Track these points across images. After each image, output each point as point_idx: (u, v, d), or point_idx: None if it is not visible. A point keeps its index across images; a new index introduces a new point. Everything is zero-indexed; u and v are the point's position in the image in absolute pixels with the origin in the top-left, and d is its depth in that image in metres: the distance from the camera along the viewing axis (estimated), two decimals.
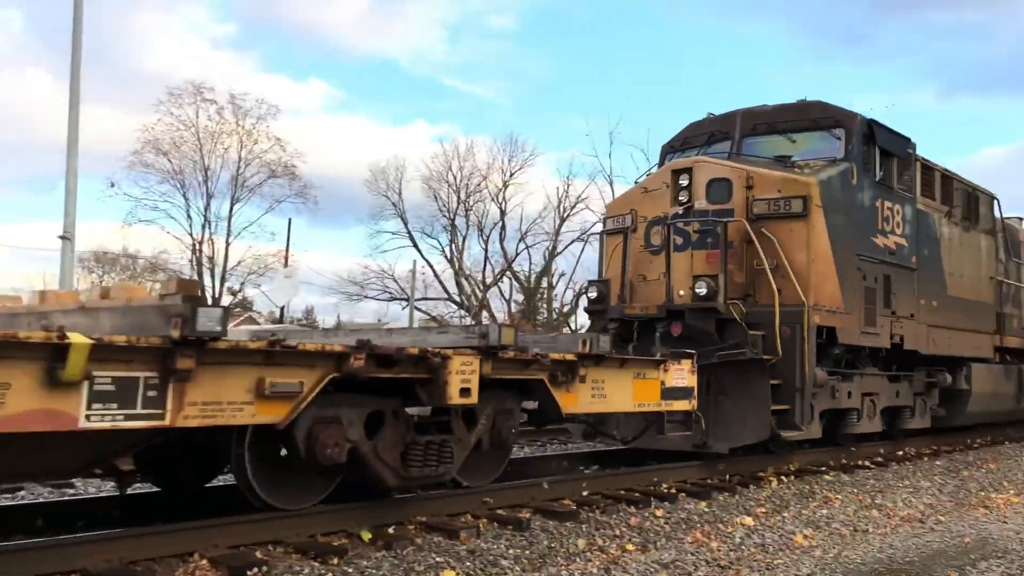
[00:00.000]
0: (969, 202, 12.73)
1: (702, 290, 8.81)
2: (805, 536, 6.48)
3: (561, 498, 6.94)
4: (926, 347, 11.08)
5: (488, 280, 45.75)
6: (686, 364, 7.60)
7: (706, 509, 7.03)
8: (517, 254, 45.55)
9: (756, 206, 9.20)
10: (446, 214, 45.50)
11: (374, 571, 4.81)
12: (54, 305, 5.30)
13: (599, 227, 11.65)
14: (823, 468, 9.43)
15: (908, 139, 11.02)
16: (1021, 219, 15.53)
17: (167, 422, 4.19)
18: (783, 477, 8.71)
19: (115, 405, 3.97)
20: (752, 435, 8.59)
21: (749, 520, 6.77)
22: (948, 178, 12.20)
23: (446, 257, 45.78)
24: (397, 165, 46.63)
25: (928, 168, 11.62)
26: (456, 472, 6.18)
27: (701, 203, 9.35)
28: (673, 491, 7.54)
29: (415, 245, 45.31)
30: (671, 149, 11.40)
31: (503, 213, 45.50)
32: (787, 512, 7.23)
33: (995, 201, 13.57)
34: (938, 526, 7.21)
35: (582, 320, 42.96)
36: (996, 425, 14.21)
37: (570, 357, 6.43)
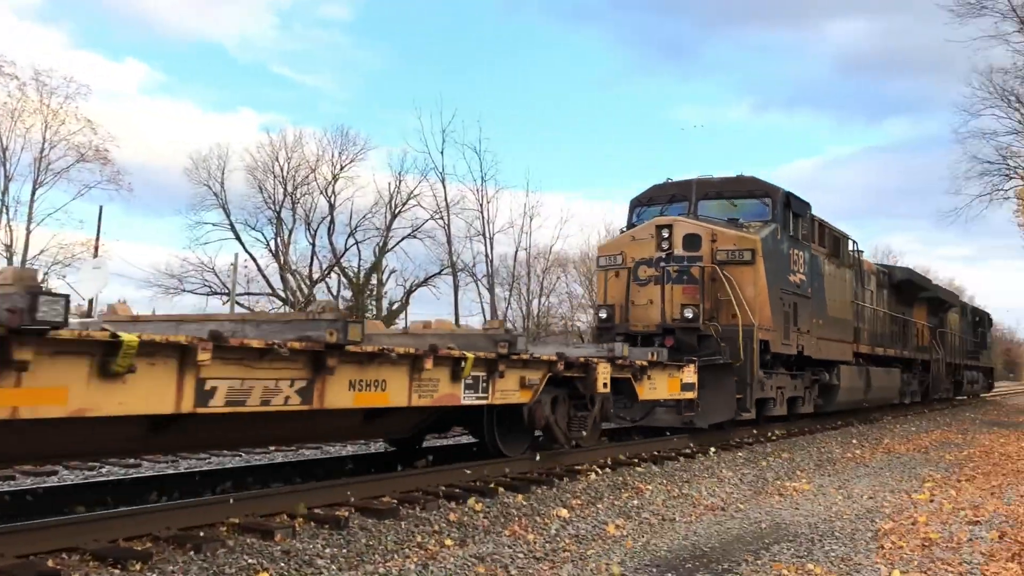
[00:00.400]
0: (837, 244, 16.61)
1: (689, 314, 12.26)
2: (617, 526, 6.73)
3: (381, 496, 6.89)
4: (816, 353, 14.80)
5: (315, 275, 44.77)
6: (692, 367, 11.15)
7: (524, 502, 7.17)
8: (346, 249, 44.84)
9: (718, 255, 12.79)
10: (271, 206, 44.16)
11: None
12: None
13: (431, 224, 16.65)
14: (636, 460, 9.86)
15: (807, 203, 14.89)
16: (862, 251, 19.27)
17: (488, 400, 7.68)
18: (599, 470, 9.03)
19: (473, 391, 7.44)
20: (723, 416, 12.19)
21: (565, 512, 6.97)
22: (824, 227, 15.99)
23: (271, 251, 44.43)
24: (220, 154, 44.74)
25: (816, 221, 15.47)
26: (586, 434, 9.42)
27: (679, 251, 12.80)
28: (492, 486, 7.66)
29: (238, 238, 43.71)
30: (639, 203, 14.82)
31: (332, 207, 44.67)
32: (601, 503, 7.49)
33: (851, 240, 17.57)
34: (738, 513, 7.68)
35: (412, 318, 42.90)
36: (853, 412, 18.23)
37: (643, 362, 10.09)
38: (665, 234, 12.81)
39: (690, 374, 11.01)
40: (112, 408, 4.47)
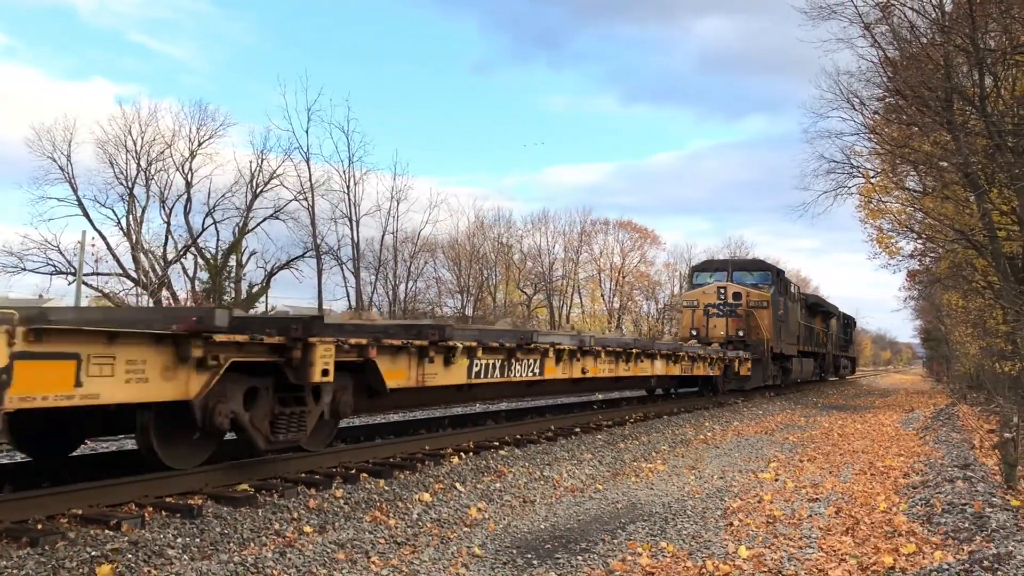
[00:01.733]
0: (789, 287, 27.09)
1: (740, 334, 22.79)
2: (479, 509, 6.78)
3: (237, 483, 6.68)
4: (788, 351, 25.67)
5: (170, 256, 42.87)
6: (749, 362, 21.78)
7: (386, 488, 7.11)
8: (203, 229, 43.08)
9: (750, 303, 23.18)
10: (123, 182, 41.90)
11: (15, 571, 4.32)
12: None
13: (295, 205, 25.46)
14: (498, 443, 9.96)
15: (783, 271, 26.78)
16: (798, 286, 30.50)
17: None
18: (462, 454, 9.07)
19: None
20: (758, 384, 22.64)
21: (427, 496, 6.96)
22: (788, 282, 27.13)
23: (122, 229, 42.16)
24: (67, 125, 42.02)
25: (785, 280, 26.03)
26: None
27: (730, 300, 23.14)
28: (354, 471, 7.56)
29: (86, 214, 41.23)
30: (697, 270, 26.25)
31: (189, 185, 42.77)
32: (463, 487, 7.52)
33: (796, 286, 29.28)
34: (596, 494, 7.88)
35: (272, 302, 41.75)
36: (798, 384, 29.39)
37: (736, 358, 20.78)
38: (722, 292, 23.39)
39: (747, 363, 21.62)
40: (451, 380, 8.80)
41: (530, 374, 10.59)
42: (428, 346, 8.23)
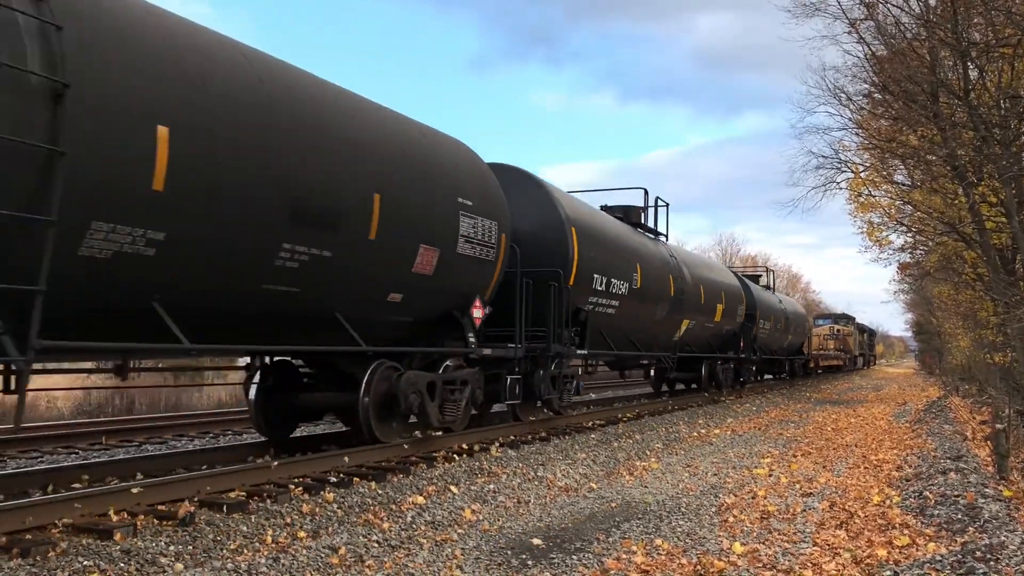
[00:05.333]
0: (858, 323, 57.31)
1: (843, 350, 50.53)
2: (473, 511, 6.77)
3: (230, 489, 6.65)
4: (858, 354, 58.73)
5: None
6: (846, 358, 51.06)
7: (379, 491, 7.09)
8: None
9: (845, 336, 51.52)
10: None
11: None
12: None
13: None
14: (492, 444, 9.94)
15: (854, 317, 58.07)
16: (863, 325, 64.16)
17: None
18: (455, 456, 9.05)
19: None
20: (851, 368, 55.51)
21: (421, 499, 6.95)
22: (857, 322, 58.45)
23: None
24: None
25: (854, 321, 56.93)
26: None
27: (838, 332, 51.06)
28: (346, 476, 7.54)
29: None
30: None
31: None
32: (457, 489, 7.51)
33: (854, 318, 56.75)
34: (591, 493, 7.88)
35: None
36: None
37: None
38: (835, 328, 50.61)
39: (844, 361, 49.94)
40: None
41: None
42: None
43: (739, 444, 11.69)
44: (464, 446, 9.48)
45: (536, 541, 5.92)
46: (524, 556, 5.54)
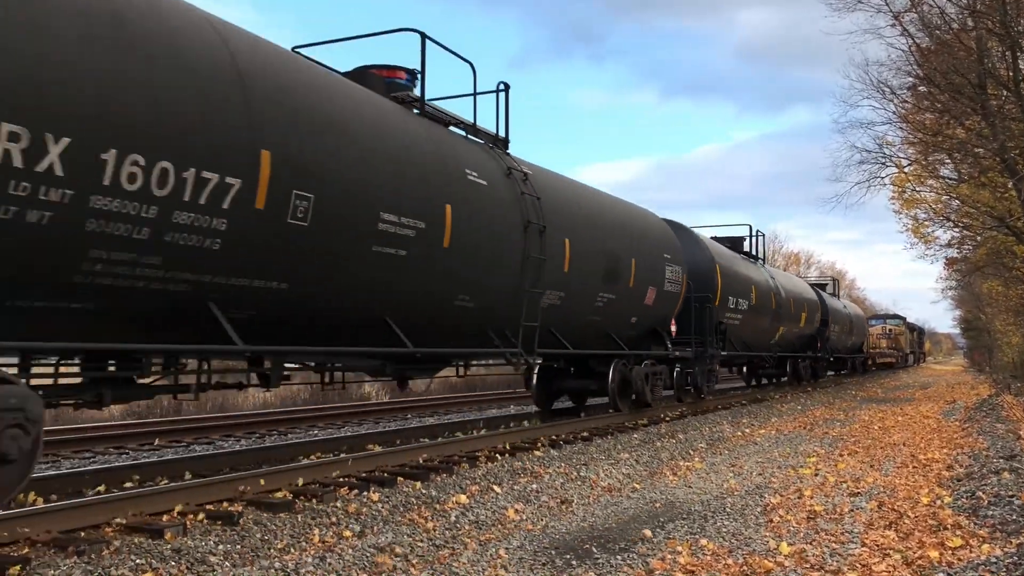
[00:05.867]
0: (910, 323, 64.33)
1: (895, 348, 54.17)
2: (516, 510, 6.78)
3: (276, 489, 6.74)
4: (910, 351, 64.38)
5: None
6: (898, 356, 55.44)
7: (423, 491, 7.14)
8: None
9: (897, 335, 54.94)
10: None
11: None
12: None
13: None
14: (534, 444, 9.95)
15: (905, 317, 63.49)
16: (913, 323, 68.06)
17: None
18: (497, 456, 9.07)
19: None
20: (903, 365, 59.38)
21: (464, 498, 6.97)
22: (909, 322, 64.64)
23: None
24: None
25: (908, 321, 64.27)
26: None
27: (889, 331, 54.47)
28: (390, 475, 7.60)
29: None
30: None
31: None
32: (500, 488, 7.52)
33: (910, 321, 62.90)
34: (634, 493, 7.84)
35: None
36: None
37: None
38: (887, 327, 53.78)
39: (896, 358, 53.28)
40: None
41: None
42: None
43: (784, 443, 11.56)
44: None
45: (580, 541, 5.91)
46: (568, 556, 5.54)
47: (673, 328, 14.90)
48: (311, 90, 6.91)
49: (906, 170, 21.84)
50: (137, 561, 4.79)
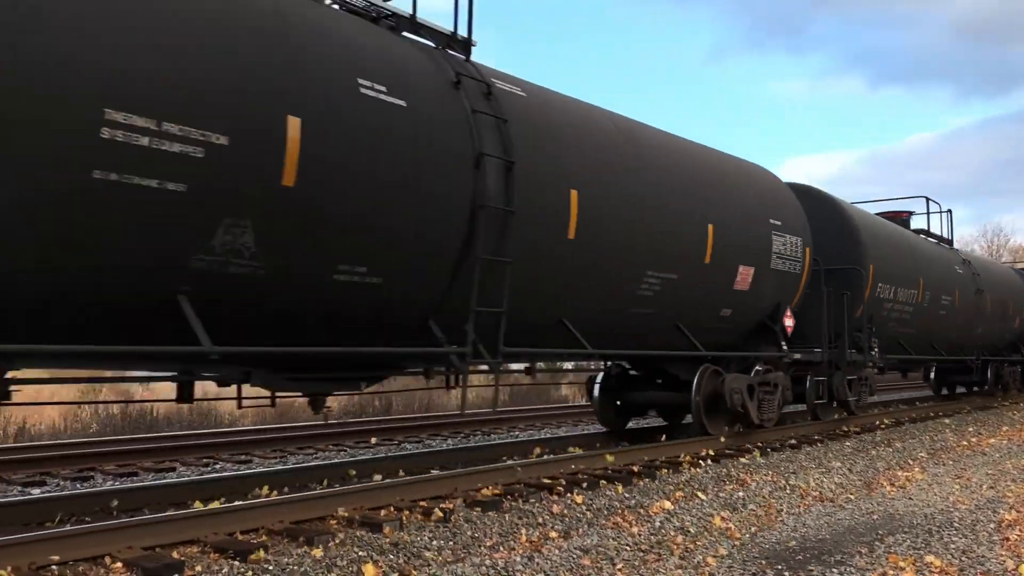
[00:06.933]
0: None
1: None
2: (722, 518, 6.62)
3: (483, 488, 6.95)
4: None
5: None
6: None
7: (626, 495, 7.12)
8: None
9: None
10: None
11: (296, 568, 4.74)
12: None
13: None
14: (740, 451, 9.69)
15: None
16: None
17: None
18: (701, 462, 8.90)
19: None
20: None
21: (668, 504, 6.90)
22: None
23: None
24: None
25: None
26: None
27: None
28: (593, 478, 7.64)
29: None
30: None
31: None
32: (704, 495, 7.38)
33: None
34: (848, 504, 7.46)
35: None
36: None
37: None
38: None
39: None
40: None
41: None
42: None
43: (1018, 454, 10.60)
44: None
45: (791, 551, 5.69)
46: (780, 567, 5.35)
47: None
48: (889, 231, 10.12)
49: None
50: (359, 553, 5.09)
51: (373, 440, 11.50)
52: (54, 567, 4.46)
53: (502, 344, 7.07)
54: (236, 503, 5.69)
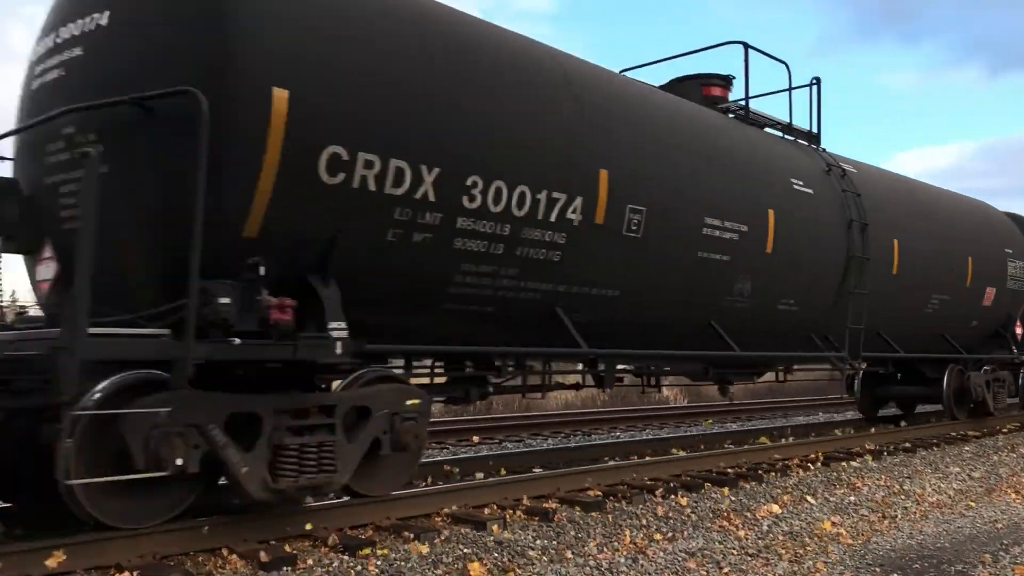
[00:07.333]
0: None
1: None
2: (833, 523, 6.43)
3: (585, 488, 6.94)
4: None
5: None
6: None
7: (732, 498, 6.99)
8: None
9: None
10: None
11: (403, 563, 4.82)
12: None
13: None
14: (850, 454, 9.40)
15: None
16: None
17: None
18: (809, 465, 8.67)
19: None
20: None
21: (776, 508, 6.74)
22: None
23: None
24: None
25: None
26: None
27: None
28: (697, 480, 7.53)
29: None
30: None
31: None
32: (814, 499, 7.18)
33: None
34: (968, 512, 7.14)
35: None
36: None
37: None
38: None
39: None
40: None
41: None
42: None
43: None
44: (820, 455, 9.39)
45: (907, 559, 5.48)
46: (896, 575, 5.16)
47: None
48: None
49: None
50: (465, 550, 5.14)
51: (475, 439, 11.62)
52: (177, 557, 4.68)
53: (861, 349, 9.94)
54: (344, 499, 5.82)
